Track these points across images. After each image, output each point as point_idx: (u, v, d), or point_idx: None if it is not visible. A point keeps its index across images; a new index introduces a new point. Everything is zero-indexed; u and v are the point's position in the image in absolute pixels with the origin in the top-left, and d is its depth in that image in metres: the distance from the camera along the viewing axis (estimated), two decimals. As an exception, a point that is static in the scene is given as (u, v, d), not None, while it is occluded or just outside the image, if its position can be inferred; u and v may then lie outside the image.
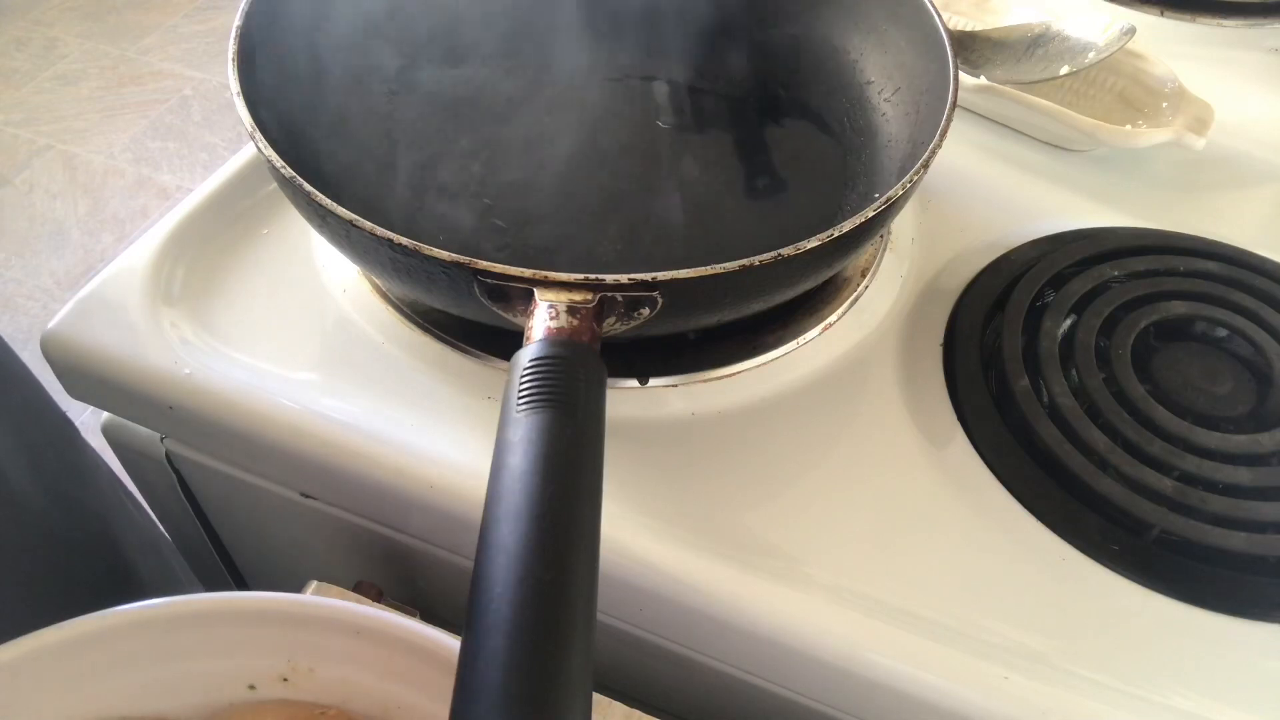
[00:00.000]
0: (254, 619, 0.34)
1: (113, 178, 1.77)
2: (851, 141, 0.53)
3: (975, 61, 0.61)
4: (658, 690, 0.46)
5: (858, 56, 0.55)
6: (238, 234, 0.51)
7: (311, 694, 0.34)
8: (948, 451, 0.44)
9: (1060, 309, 0.48)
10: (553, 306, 0.35)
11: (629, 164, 0.52)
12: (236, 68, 0.43)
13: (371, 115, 0.52)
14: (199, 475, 0.50)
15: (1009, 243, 0.53)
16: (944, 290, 0.51)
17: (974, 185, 0.57)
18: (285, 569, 0.56)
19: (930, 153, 0.41)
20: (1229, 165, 0.61)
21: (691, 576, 0.39)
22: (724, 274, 0.36)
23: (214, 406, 0.44)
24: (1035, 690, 0.37)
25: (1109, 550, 0.41)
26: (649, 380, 0.45)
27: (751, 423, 0.44)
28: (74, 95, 1.94)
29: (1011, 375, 0.45)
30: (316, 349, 0.46)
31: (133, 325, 0.46)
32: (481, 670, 0.25)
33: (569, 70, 0.57)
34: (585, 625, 0.27)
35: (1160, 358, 0.47)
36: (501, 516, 0.28)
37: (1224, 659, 0.38)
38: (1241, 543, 0.40)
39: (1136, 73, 0.60)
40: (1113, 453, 0.42)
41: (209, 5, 2.18)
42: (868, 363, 0.47)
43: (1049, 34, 0.59)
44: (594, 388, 0.33)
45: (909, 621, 0.38)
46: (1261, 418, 0.45)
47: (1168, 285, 0.49)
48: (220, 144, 1.85)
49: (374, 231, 0.36)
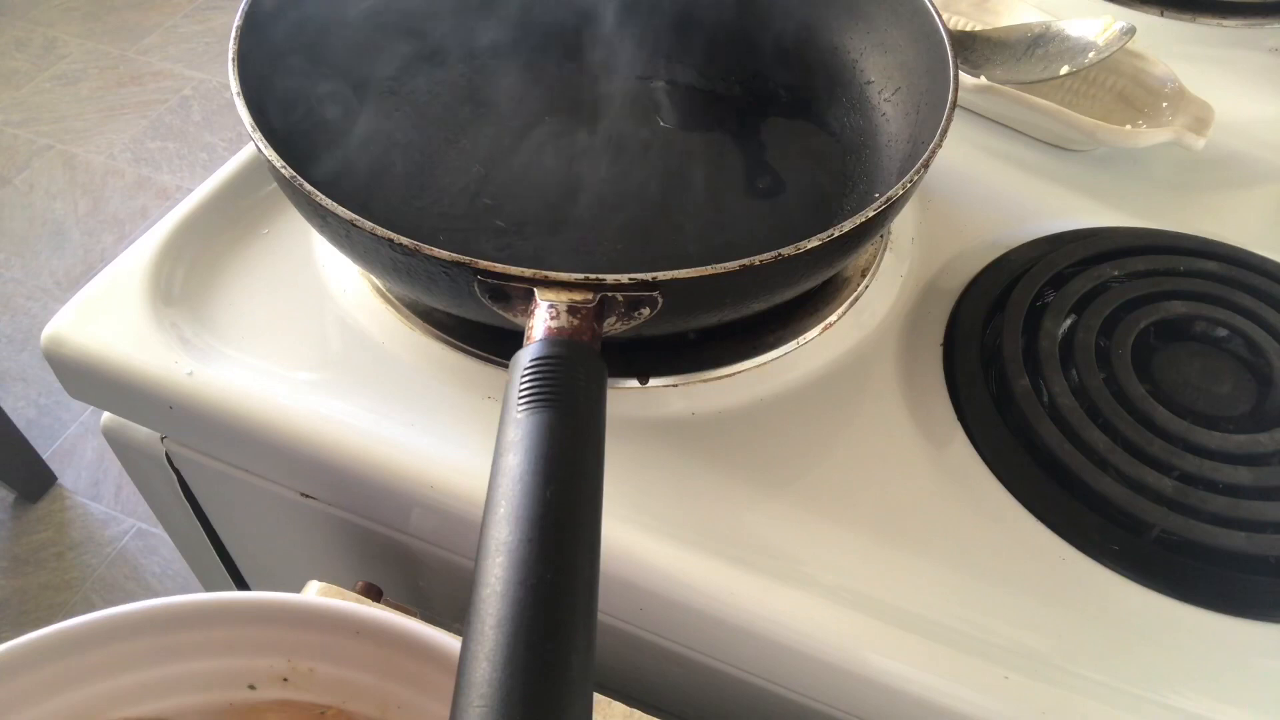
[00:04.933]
0: (254, 619, 0.34)
1: (113, 178, 1.77)
2: (851, 141, 0.53)
3: (975, 61, 0.61)
4: (658, 690, 0.46)
5: (858, 56, 0.55)
6: (238, 234, 0.51)
7: (311, 694, 0.34)
8: (948, 451, 0.44)
9: (1060, 309, 0.48)
10: (553, 306, 0.35)
11: (629, 164, 0.52)
12: (236, 68, 0.43)
13: (372, 115, 0.52)
14: (199, 475, 0.50)
15: (1009, 243, 0.53)
16: (944, 290, 0.51)
17: (974, 185, 0.57)
18: (285, 569, 0.56)
19: (930, 153, 0.41)
20: (1229, 165, 0.61)
21: (691, 576, 0.39)
22: (724, 274, 0.36)
23: (214, 406, 0.44)
24: (1035, 690, 0.37)
25: (1109, 550, 0.41)
26: (649, 380, 0.45)
27: (751, 423, 0.44)
28: (74, 95, 1.94)
29: (1011, 375, 0.45)
30: (316, 349, 0.46)
31: (133, 325, 0.46)
32: (482, 670, 0.25)
33: (569, 70, 0.57)
34: (585, 625, 0.27)
35: (1160, 358, 0.47)
36: (501, 516, 0.28)
37: (1224, 659, 0.38)
38: (1241, 543, 0.40)
39: (1136, 73, 0.60)
40: (1113, 453, 0.42)
41: (209, 5, 2.18)
42: (868, 363, 0.47)
43: (1049, 34, 0.59)
44: (594, 388, 0.33)
45: (909, 621, 0.38)
46: (1261, 418, 0.45)
47: (1167, 285, 0.49)
48: (220, 144, 1.85)
49: (374, 231, 0.36)
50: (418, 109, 0.54)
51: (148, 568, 1.25)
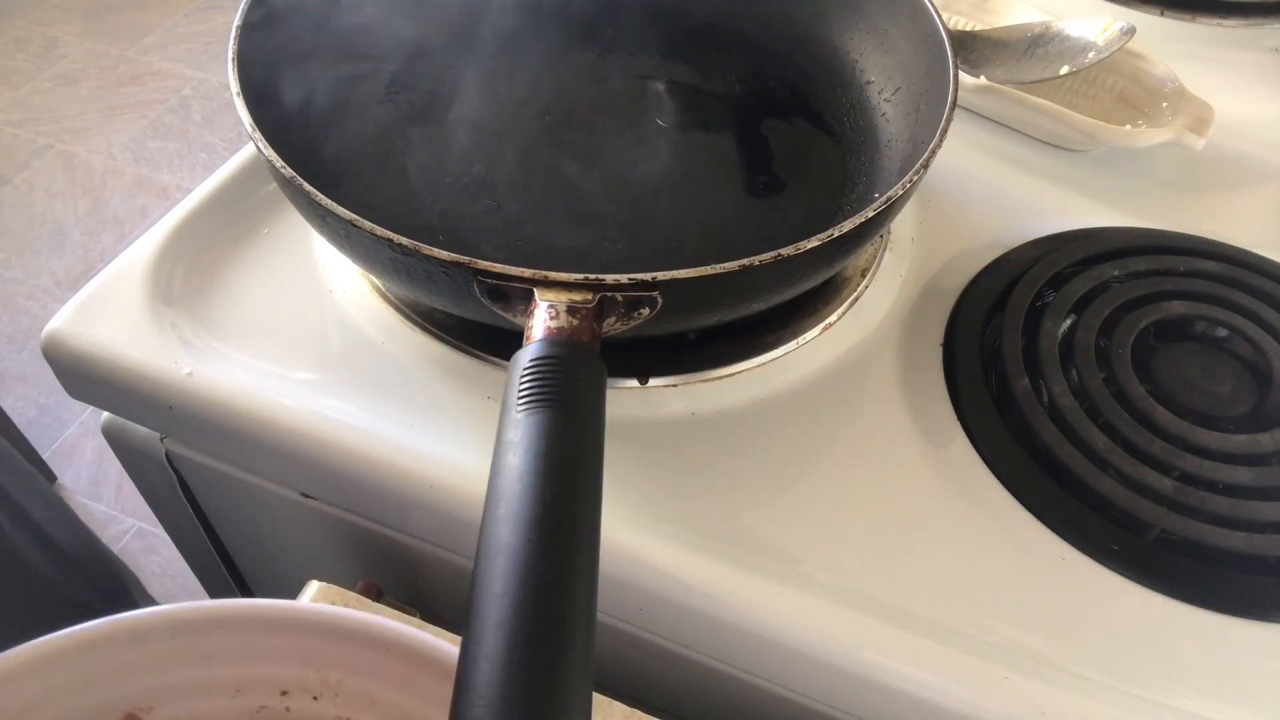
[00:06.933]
0: (284, 627, 0.33)
1: (112, 178, 1.77)
2: (851, 141, 0.53)
3: (975, 61, 0.61)
4: (658, 690, 0.46)
5: (858, 56, 0.55)
6: (238, 234, 0.51)
7: (337, 707, 0.34)
8: (948, 451, 0.44)
9: (1060, 309, 0.48)
10: (553, 306, 0.35)
11: (629, 164, 0.52)
12: (236, 68, 0.43)
13: (371, 115, 0.52)
14: (199, 475, 0.50)
15: (1009, 243, 0.53)
16: (944, 290, 0.51)
17: (974, 185, 0.57)
18: (285, 569, 0.56)
19: (930, 153, 0.41)
20: (1229, 165, 0.61)
21: (691, 576, 0.39)
22: (724, 274, 0.36)
23: (214, 406, 0.44)
24: (1035, 690, 0.37)
25: (1109, 550, 0.41)
26: (649, 380, 0.45)
27: (751, 423, 0.44)
28: (74, 95, 1.94)
29: (1011, 375, 0.45)
30: (316, 349, 0.46)
31: (133, 325, 0.46)
32: (481, 670, 0.25)
33: (569, 70, 0.57)
34: (585, 625, 0.27)
35: (1160, 358, 0.47)
36: (501, 516, 0.28)
37: (1224, 659, 0.38)
38: (1241, 543, 0.40)
39: (1136, 73, 0.60)
40: (1113, 453, 0.42)
41: (209, 5, 2.18)
42: (868, 363, 0.47)
43: (1049, 34, 0.59)
44: (594, 388, 0.33)
45: (909, 621, 0.38)
46: (1261, 418, 0.45)
47: (1167, 285, 0.49)
48: (220, 144, 1.85)
49: (374, 231, 0.36)
50: (418, 109, 0.54)
51: (148, 568, 1.25)
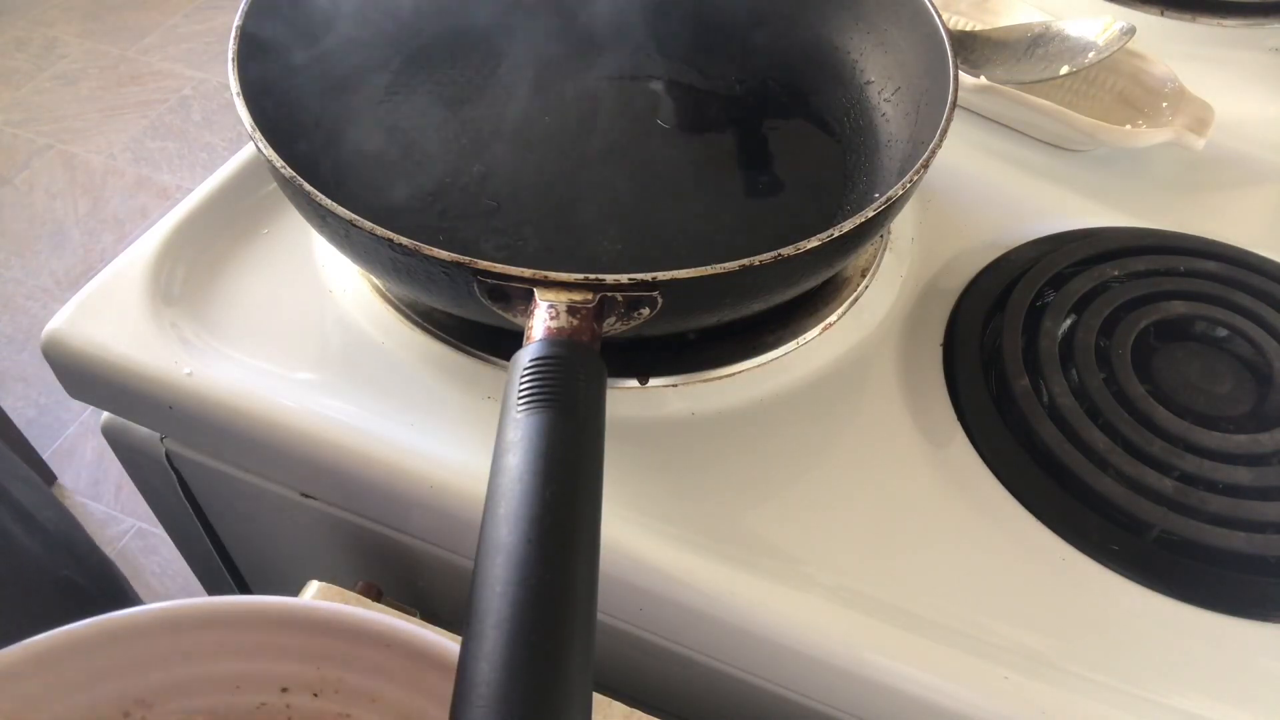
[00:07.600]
0: (286, 624, 0.33)
1: (112, 177, 1.77)
2: (851, 141, 0.53)
3: (975, 61, 0.61)
4: (658, 690, 0.46)
5: (858, 56, 0.55)
6: (238, 234, 0.51)
7: (337, 703, 0.34)
8: (948, 451, 0.44)
9: (1060, 309, 0.48)
10: (553, 306, 0.35)
11: (629, 164, 0.52)
12: (236, 68, 0.43)
13: (372, 115, 0.52)
14: (199, 475, 0.50)
15: (1009, 243, 0.53)
16: (944, 290, 0.51)
17: (974, 185, 0.57)
18: (285, 569, 0.56)
19: (930, 153, 0.41)
20: (1229, 165, 0.61)
21: (691, 576, 0.39)
22: (724, 274, 0.36)
23: (214, 406, 0.44)
24: (1035, 690, 0.37)
25: (1109, 550, 0.41)
26: (649, 380, 0.45)
27: (751, 423, 0.44)
28: (74, 95, 1.94)
29: (1011, 375, 0.45)
30: (316, 349, 0.46)
31: (133, 325, 0.46)
32: (481, 670, 0.25)
33: (569, 70, 0.57)
34: (585, 625, 0.27)
35: (1160, 358, 0.47)
36: (501, 516, 0.28)
37: (1224, 659, 0.38)
38: (1241, 543, 0.40)
39: (1136, 73, 0.60)
40: (1113, 453, 0.42)
41: (209, 5, 2.18)
42: (868, 363, 0.47)
43: (1049, 34, 0.59)
44: (594, 388, 0.33)
45: (909, 621, 0.38)
46: (1261, 418, 0.45)
47: (1168, 285, 0.49)
48: (220, 144, 1.85)
49: (374, 231, 0.36)
50: (417, 109, 0.54)
51: (148, 567, 1.25)
